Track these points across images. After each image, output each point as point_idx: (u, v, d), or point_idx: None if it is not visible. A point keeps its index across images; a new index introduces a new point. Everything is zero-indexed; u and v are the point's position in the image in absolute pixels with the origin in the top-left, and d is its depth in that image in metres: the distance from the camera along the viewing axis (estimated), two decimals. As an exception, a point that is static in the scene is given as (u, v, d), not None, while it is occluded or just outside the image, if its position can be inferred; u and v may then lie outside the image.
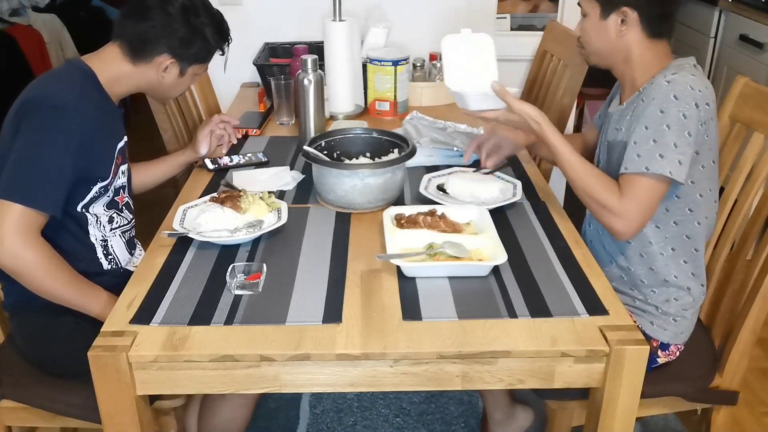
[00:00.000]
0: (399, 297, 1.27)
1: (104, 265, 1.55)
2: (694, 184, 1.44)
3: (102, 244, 1.54)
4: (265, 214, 1.51)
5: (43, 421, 1.50)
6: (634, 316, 1.52)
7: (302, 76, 1.90)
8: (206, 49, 1.58)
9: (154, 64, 1.53)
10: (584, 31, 1.53)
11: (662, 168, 1.37)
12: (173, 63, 1.54)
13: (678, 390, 1.51)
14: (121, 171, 1.57)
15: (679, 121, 1.37)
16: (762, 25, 3.00)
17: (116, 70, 1.52)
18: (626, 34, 1.46)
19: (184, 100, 2.26)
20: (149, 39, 1.50)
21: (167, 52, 1.52)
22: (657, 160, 1.37)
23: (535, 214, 1.59)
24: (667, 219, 1.47)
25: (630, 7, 1.44)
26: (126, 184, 1.62)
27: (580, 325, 1.20)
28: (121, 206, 1.60)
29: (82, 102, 1.41)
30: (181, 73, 1.58)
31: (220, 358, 1.14)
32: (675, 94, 1.37)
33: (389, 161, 1.58)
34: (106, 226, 1.55)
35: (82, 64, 1.49)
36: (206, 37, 1.56)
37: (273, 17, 2.65)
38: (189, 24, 1.52)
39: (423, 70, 2.49)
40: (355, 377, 1.17)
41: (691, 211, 1.47)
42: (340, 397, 2.18)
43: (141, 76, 1.54)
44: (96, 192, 1.48)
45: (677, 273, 1.50)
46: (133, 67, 1.52)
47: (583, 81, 2.26)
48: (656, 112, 1.38)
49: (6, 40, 4.05)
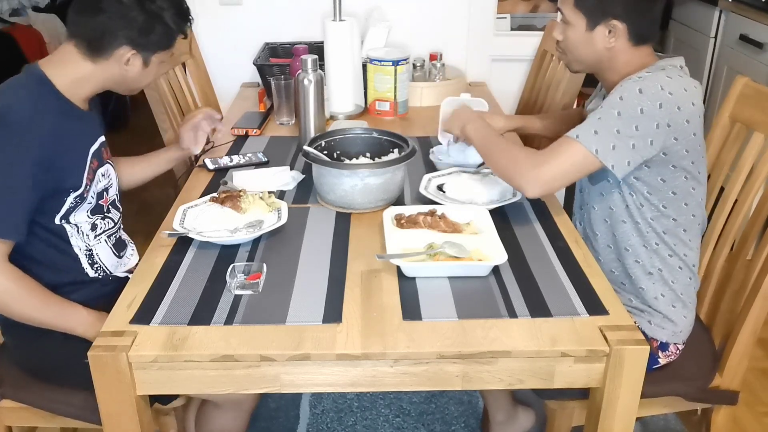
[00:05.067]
0: (399, 297, 1.27)
1: (90, 274, 1.52)
2: (665, 182, 1.44)
3: (87, 254, 1.51)
4: (265, 214, 1.51)
5: (43, 421, 1.50)
6: (633, 317, 1.52)
7: (302, 76, 1.90)
8: (168, 34, 1.48)
9: (114, 59, 1.43)
10: (568, 39, 1.52)
11: (590, 143, 1.38)
12: (135, 54, 1.44)
13: (678, 390, 1.51)
14: (100, 174, 1.51)
15: (634, 113, 1.36)
16: (762, 25, 3.00)
17: (76, 72, 1.43)
18: (614, 45, 1.46)
19: (184, 99, 2.26)
20: (105, 32, 1.40)
21: (127, 44, 1.42)
22: (590, 134, 1.38)
23: (535, 214, 1.59)
24: (642, 215, 1.47)
25: (619, 20, 1.43)
26: (110, 186, 1.57)
27: (580, 325, 1.20)
28: (107, 208, 1.56)
29: (38, 114, 1.34)
30: (145, 64, 1.48)
31: (220, 358, 1.14)
32: (641, 88, 1.37)
33: (389, 161, 1.58)
34: (90, 234, 1.51)
35: (38, 71, 1.40)
36: (166, 21, 1.45)
37: (273, 17, 2.65)
38: (146, 10, 1.42)
39: (423, 70, 2.49)
40: (355, 377, 1.17)
41: (665, 208, 1.46)
42: (340, 397, 2.18)
43: (103, 73, 1.45)
44: (72, 202, 1.43)
45: (662, 267, 1.50)
46: (93, 66, 1.43)
47: (583, 81, 2.26)
48: (616, 98, 1.39)
49: (6, 40, 4.05)
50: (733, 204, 1.61)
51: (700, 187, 1.48)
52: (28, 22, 4.35)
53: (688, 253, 1.51)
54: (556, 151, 1.42)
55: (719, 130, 1.66)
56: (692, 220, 1.49)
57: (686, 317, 1.53)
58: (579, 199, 1.65)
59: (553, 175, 1.41)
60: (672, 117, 1.37)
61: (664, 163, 1.42)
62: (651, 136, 1.37)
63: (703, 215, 1.54)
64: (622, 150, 1.38)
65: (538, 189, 1.43)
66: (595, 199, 1.56)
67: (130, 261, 1.65)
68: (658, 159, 1.41)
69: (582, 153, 1.39)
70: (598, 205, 1.55)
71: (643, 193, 1.46)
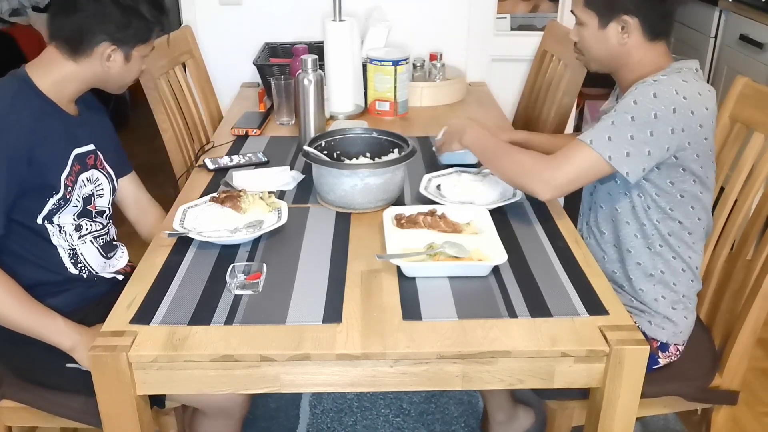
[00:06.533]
0: (399, 297, 1.27)
1: (72, 272, 1.51)
2: (673, 185, 1.44)
3: (70, 253, 1.50)
4: (265, 214, 1.51)
5: (43, 421, 1.50)
6: (633, 317, 1.52)
7: (302, 76, 1.90)
8: (146, 27, 1.48)
9: (95, 56, 1.44)
10: (583, 39, 1.52)
11: (603, 149, 1.38)
12: (115, 50, 1.45)
13: (678, 390, 1.51)
14: (84, 179, 1.51)
15: (648, 118, 1.36)
16: (762, 25, 3.00)
17: (59, 73, 1.44)
18: (627, 41, 1.46)
19: (184, 100, 2.26)
20: (83, 30, 1.42)
21: (106, 40, 1.43)
22: (604, 140, 1.38)
23: (535, 214, 1.59)
24: (648, 217, 1.47)
25: (630, 15, 1.43)
26: (99, 195, 1.56)
27: (580, 325, 1.20)
28: (95, 214, 1.55)
29: (14, 111, 1.36)
30: (127, 59, 1.48)
31: (220, 358, 1.14)
32: (655, 92, 1.37)
33: (389, 161, 1.58)
34: (73, 235, 1.51)
35: (22, 73, 1.43)
36: (142, 14, 1.46)
37: (273, 17, 2.65)
38: (121, 5, 1.43)
39: (423, 70, 2.49)
40: (355, 377, 1.17)
41: (672, 210, 1.46)
42: (340, 397, 2.18)
43: (86, 71, 1.46)
44: (55, 204, 1.44)
45: (664, 269, 1.50)
46: (75, 65, 1.44)
47: (583, 81, 2.26)
48: (630, 102, 1.38)
49: (6, 40, 4.05)
50: (733, 204, 1.61)
51: (707, 191, 1.48)
52: (28, 22, 4.34)
53: (692, 256, 1.51)
54: (569, 155, 1.41)
55: (719, 130, 1.66)
56: (698, 224, 1.49)
57: (687, 318, 1.53)
58: (588, 201, 1.64)
59: (567, 179, 1.41)
60: (686, 121, 1.36)
61: (674, 166, 1.41)
62: (666, 142, 1.37)
63: (709, 219, 1.54)
64: (636, 157, 1.37)
65: (550, 193, 1.43)
66: (603, 198, 1.55)
67: (119, 262, 1.64)
68: (669, 162, 1.40)
69: (594, 158, 1.39)
70: (605, 204, 1.55)
71: (651, 195, 1.46)
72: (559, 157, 1.42)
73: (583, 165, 1.40)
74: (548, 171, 1.42)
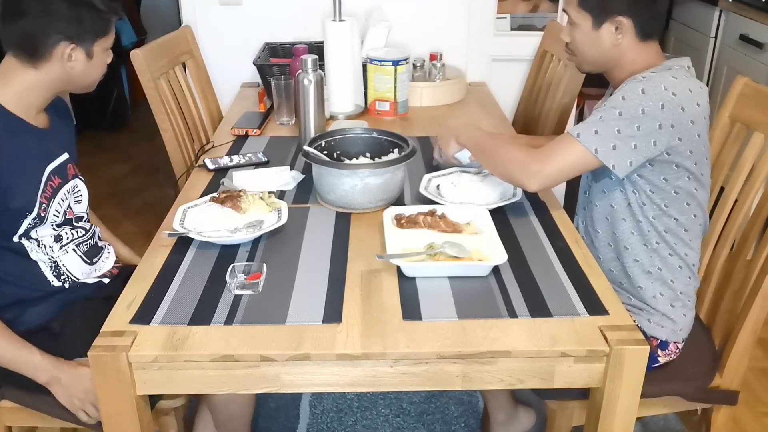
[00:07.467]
0: (399, 297, 1.27)
1: (56, 286, 1.48)
2: (667, 181, 1.44)
3: (51, 266, 1.47)
4: (265, 214, 1.51)
5: (43, 422, 1.50)
6: (632, 316, 1.52)
7: (302, 76, 1.90)
8: (101, 18, 1.39)
9: (55, 59, 1.36)
10: (575, 40, 1.52)
11: (590, 142, 1.39)
12: (74, 48, 1.37)
13: (678, 390, 1.51)
14: (65, 191, 1.47)
15: (635, 113, 1.37)
16: (762, 25, 3.00)
17: (21, 83, 1.37)
18: (621, 42, 1.46)
19: (184, 99, 2.26)
20: (35, 33, 1.33)
21: (62, 40, 1.35)
22: (591, 133, 1.40)
23: (535, 214, 1.59)
24: (643, 214, 1.48)
25: (624, 16, 1.43)
26: (78, 201, 1.54)
27: (580, 325, 1.20)
28: (74, 220, 1.52)
29: None
30: (89, 56, 1.40)
31: (220, 358, 1.14)
32: (644, 88, 1.38)
33: (389, 161, 1.58)
34: (54, 246, 1.47)
35: None
36: (93, 5, 1.37)
37: (273, 17, 2.65)
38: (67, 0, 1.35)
39: (423, 70, 2.49)
40: (355, 377, 1.17)
41: (667, 207, 1.47)
42: (340, 397, 2.18)
43: (49, 77, 1.38)
44: (30, 223, 1.40)
45: (661, 266, 1.50)
46: (36, 72, 1.36)
47: (583, 81, 2.26)
48: (618, 98, 1.40)
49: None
50: (733, 204, 1.60)
51: (702, 188, 1.48)
52: None
53: (689, 253, 1.51)
54: (556, 148, 1.44)
55: (719, 130, 1.66)
56: (693, 221, 1.49)
57: (686, 316, 1.53)
58: (583, 200, 1.65)
59: (554, 170, 1.44)
60: (676, 118, 1.37)
61: (666, 163, 1.42)
62: (653, 137, 1.38)
63: (705, 217, 1.54)
64: (623, 150, 1.38)
65: (537, 184, 1.45)
66: (598, 196, 1.56)
67: (105, 264, 1.61)
68: (661, 158, 1.41)
69: (581, 151, 1.41)
70: (600, 202, 1.55)
71: (646, 192, 1.46)
72: (546, 150, 1.45)
73: (570, 158, 1.42)
74: (536, 163, 1.44)
